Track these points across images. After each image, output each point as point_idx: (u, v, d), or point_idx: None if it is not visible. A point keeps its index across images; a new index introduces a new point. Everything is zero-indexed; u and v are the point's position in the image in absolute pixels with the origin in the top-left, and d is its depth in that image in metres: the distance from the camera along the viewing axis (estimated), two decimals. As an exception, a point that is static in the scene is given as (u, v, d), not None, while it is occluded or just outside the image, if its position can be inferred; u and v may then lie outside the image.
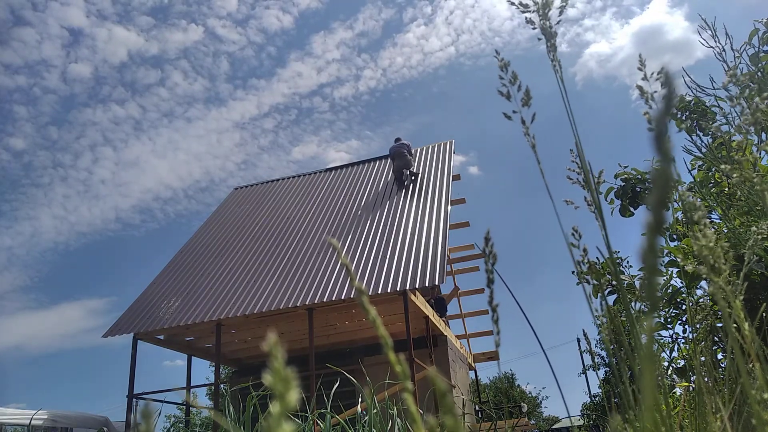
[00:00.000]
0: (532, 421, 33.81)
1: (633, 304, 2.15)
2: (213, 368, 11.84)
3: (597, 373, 1.69)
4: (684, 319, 2.87)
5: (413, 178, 11.66)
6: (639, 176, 3.56)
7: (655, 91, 1.18)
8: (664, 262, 2.79)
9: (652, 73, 1.17)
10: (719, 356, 2.62)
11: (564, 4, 1.02)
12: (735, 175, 1.25)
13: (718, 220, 2.85)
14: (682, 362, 2.83)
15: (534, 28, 1.02)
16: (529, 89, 0.96)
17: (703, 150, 2.74)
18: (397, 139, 12.44)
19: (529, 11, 1.03)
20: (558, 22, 1.02)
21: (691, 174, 3.08)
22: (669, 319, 2.96)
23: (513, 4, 1.04)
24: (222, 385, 9.43)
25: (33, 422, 11.15)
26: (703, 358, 1.74)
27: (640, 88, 1.17)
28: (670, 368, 2.85)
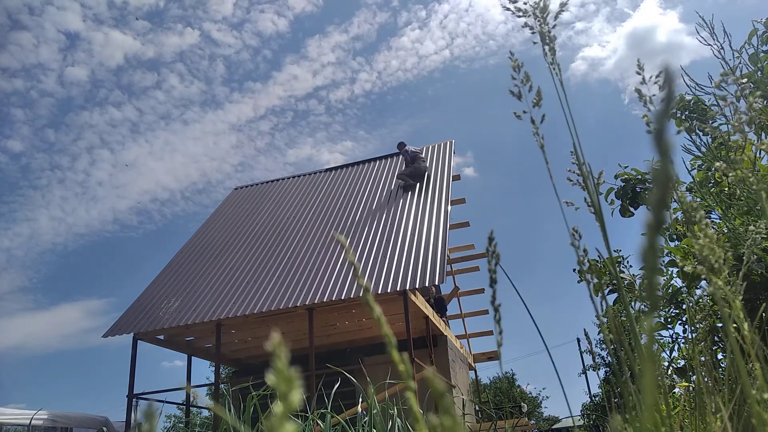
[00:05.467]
0: (532, 421, 33.81)
1: (633, 303, 2.15)
2: (213, 368, 11.84)
3: (597, 373, 1.70)
4: (684, 319, 2.87)
5: (411, 180, 11.58)
6: (639, 176, 3.56)
7: (654, 95, 1.18)
8: (663, 262, 2.80)
9: (651, 77, 1.17)
10: (719, 356, 2.62)
11: (561, 9, 1.02)
12: (731, 174, 1.25)
13: (718, 220, 2.85)
14: (682, 362, 2.84)
15: (533, 32, 1.02)
16: (540, 90, 0.96)
17: (703, 150, 2.75)
18: (401, 144, 12.39)
19: (527, 16, 1.03)
20: (554, 26, 1.02)
21: (690, 174, 3.08)
22: (669, 319, 2.97)
23: (509, 10, 1.04)
24: (222, 385, 9.43)
25: (33, 422, 11.16)
26: (703, 358, 1.74)
27: (638, 91, 1.17)
28: (670, 368, 2.85)
